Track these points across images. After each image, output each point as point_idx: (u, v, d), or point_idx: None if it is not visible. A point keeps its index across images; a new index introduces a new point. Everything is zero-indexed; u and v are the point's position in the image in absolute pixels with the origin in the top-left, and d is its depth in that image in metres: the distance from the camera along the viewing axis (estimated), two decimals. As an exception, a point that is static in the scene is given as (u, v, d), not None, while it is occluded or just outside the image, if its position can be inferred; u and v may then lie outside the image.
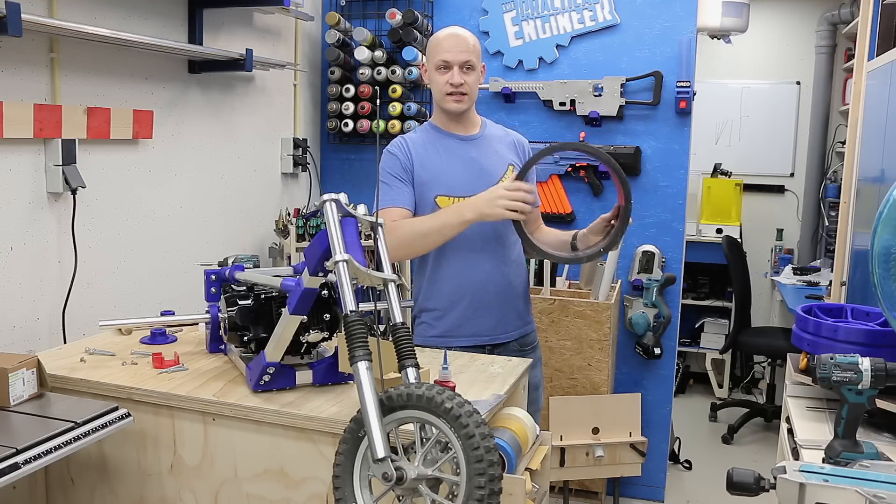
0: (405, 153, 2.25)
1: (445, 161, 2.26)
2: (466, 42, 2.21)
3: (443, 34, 2.25)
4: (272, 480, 1.75)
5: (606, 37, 3.40)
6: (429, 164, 2.25)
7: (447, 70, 2.20)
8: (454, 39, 2.22)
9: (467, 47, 2.21)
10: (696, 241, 4.90)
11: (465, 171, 2.25)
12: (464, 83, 2.20)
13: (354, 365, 1.39)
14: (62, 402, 1.77)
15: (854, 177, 3.02)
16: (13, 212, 2.23)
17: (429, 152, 2.26)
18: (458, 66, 2.20)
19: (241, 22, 3.18)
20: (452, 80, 2.20)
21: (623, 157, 3.38)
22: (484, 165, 2.27)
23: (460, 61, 2.19)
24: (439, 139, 2.29)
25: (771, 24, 5.52)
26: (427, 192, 2.24)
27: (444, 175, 2.24)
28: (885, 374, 1.58)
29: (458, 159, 2.26)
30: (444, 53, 2.20)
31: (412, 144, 2.28)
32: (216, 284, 2.06)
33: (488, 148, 2.31)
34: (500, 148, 2.32)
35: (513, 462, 1.69)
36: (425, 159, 2.25)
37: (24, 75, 2.22)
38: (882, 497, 1.27)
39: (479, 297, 2.25)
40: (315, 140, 3.82)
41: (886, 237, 1.72)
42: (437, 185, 2.24)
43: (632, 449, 3.28)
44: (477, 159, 2.27)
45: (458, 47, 2.20)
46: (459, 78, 2.20)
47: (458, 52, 2.19)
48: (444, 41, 2.22)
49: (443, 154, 2.27)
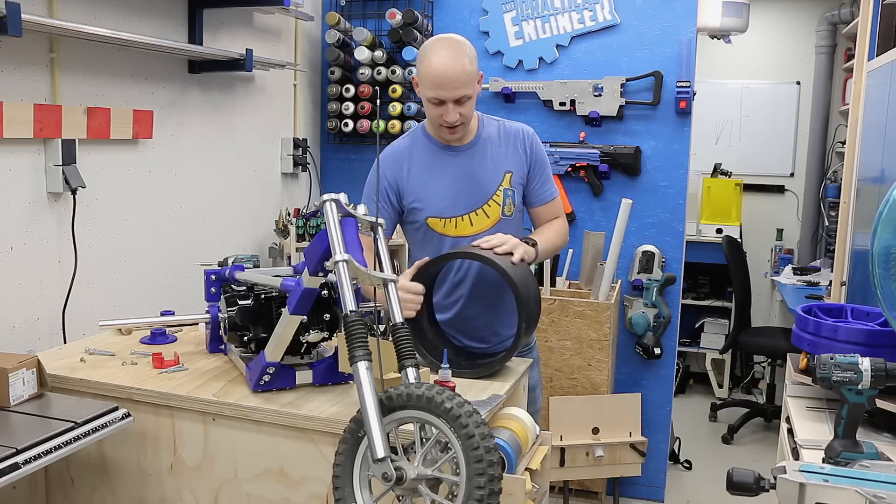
0: (391, 173, 2.13)
1: (436, 180, 2.14)
2: (461, 71, 1.99)
3: (435, 61, 2.00)
4: (272, 480, 1.75)
5: (606, 37, 3.40)
6: (418, 185, 2.13)
7: (441, 105, 2.03)
8: (447, 73, 1.99)
9: (462, 79, 2.00)
10: (696, 241, 4.90)
11: (456, 189, 2.13)
12: (458, 117, 2.04)
13: (354, 365, 1.39)
14: (62, 402, 1.77)
15: (854, 177, 3.02)
16: (13, 212, 2.23)
17: (418, 169, 2.15)
18: (453, 102, 2.02)
19: (241, 22, 3.18)
20: (448, 117, 2.03)
21: (623, 157, 3.38)
22: (478, 179, 2.14)
23: (454, 98, 2.01)
24: (430, 151, 2.16)
25: (771, 24, 5.52)
26: (419, 212, 2.15)
27: (434, 197, 2.13)
28: (885, 374, 1.58)
29: (448, 176, 2.14)
30: (437, 90, 2.01)
31: (403, 160, 2.15)
32: (216, 284, 2.06)
33: (483, 156, 2.16)
34: (497, 153, 2.18)
35: (513, 462, 1.69)
36: (414, 177, 2.14)
37: (24, 75, 2.22)
38: (882, 497, 1.27)
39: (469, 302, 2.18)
40: (315, 140, 3.82)
41: (886, 237, 1.72)
42: (427, 208, 2.14)
43: (632, 449, 3.27)
44: (470, 173, 2.14)
45: (453, 83, 1.99)
46: (454, 115, 2.03)
47: (452, 90, 2.00)
48: (435, 74, 2.00)
49: (433, 170, 2.14)
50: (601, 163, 3.41)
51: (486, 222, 2.16)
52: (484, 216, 2.16)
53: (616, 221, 3.25)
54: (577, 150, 3.39)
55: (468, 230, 2.15)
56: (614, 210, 3.31)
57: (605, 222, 3.44)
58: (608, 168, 3.42)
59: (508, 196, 2.17)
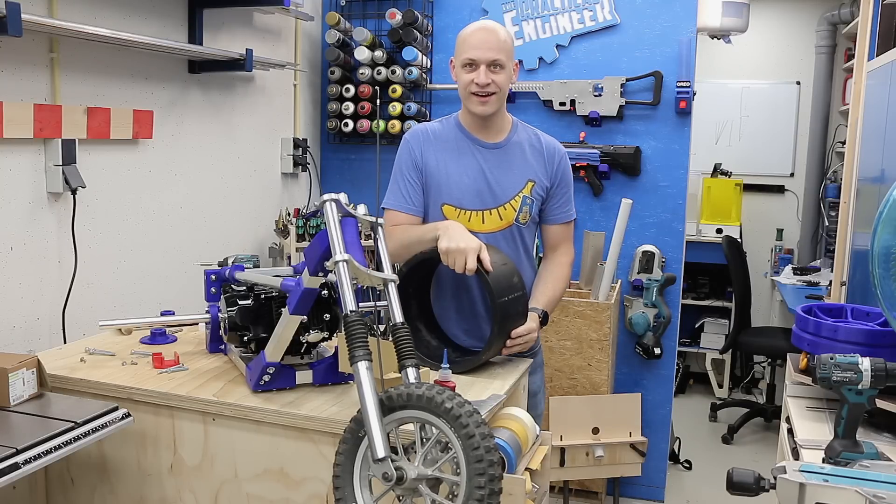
0: (419, 149, 2.14)
1: (459, 169, 2.13)
2: (496, 38, 2.04)
3: (471, 29, 2.08)
4: (272, 480, 1.75)
5: (606, 37, 3.40)
6: (441, 169, 2.13)
7: (474, 69, 2.04)
8: (482, 34, 2.04)
9: (497, 44, 2.03)
10: (696, 241, 4.90)
11: (475, 184, 2.12)
12: (491, 83, 2.03)
13: (354, 365, 1.39)
14: (62, 402, 1.77)
15: (854, 177, 3.02)
16: (13, 212, 2.23)
17: (445, 154, 2.14)
18: (486, 64, 2.03)
19: (241, 22, 3.18)
20: (478, 79, 2.03)
21: (623, 157, 3.38)
22: (499, 179, 2.13)
23: (488, 59, 2.02)
24: (460, 141, 2.15)
25: (771, 24, 5.52)
26: (436, 196, 2.14)
27: (454, 186, 2.12)
28: (885, 374, 1.58)
29: (472, 169, 2.13)
30: (470, 51, 2.04)
31: (431, 140, 2.15)
32: (216, 284, 2.06)
33: (510, 159, 2.15)
34: (525, 158, 2.16)
35: (513, 462, 1.69)
36: (439, 161, 2.13)
37: (24, 75, 2.22)
38: (882, 497, 1.27)
39: (463, 303, 2.16)
40: (315, 140, 3.82)
41: (886, 237, 1.72)
42: (444, 193, 2.13)
43: (632, 449, 3.27)
44: (493, 171, 2.13)
45: (486, 44, 2.02)
46: (486, 77, 2.02)
47: (485, 50, 2.02)
48: (472, 37, 2.05)
49: (459, 160, 2.14)
50: (601, 163, 3.41)
51: (499, 224, 2.14)
52: (497, 218, 2.14)
53: (616, 221, 3.25)
54: (577, 150, 3.39)
55: (479, 227, 2.13)
56: (614, 210, 3.31)
57: (605, 222, 3.44)
58: (608, 168, 3.42)
59: (526, 204, 2.15)
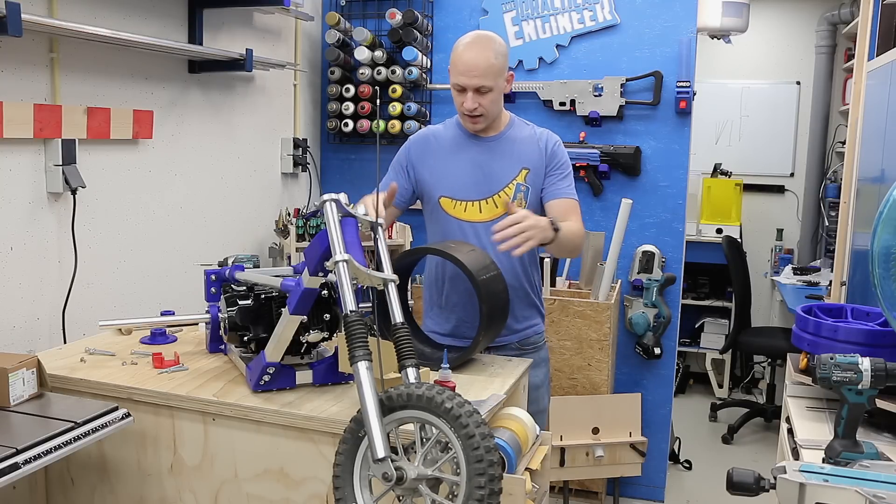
0: (417, 152, 2.28)
1: (454, 162, 2.24)
2: (485, 61, 2.08)
3: (462, 45, 2.13)
4: (272, 480, 1.75)
5: (606, 37, 3.40)
6: (437, 164, 2.25)
7: (462, 93, 2.13)
8: (470, 57, 2.09)
9: (483, 69, 2.08)
10: (696, 241, 4.90)
11: (469, 175, 2.22)
12: (478, 106, 2.12)
13: (354, 365, 1.39)
14: (62, 402, 1.77)
15: (854, 177, 3.02)
16: (13, 212, 2.23)
17: (442, 150, 2.26)
18: (472, 90, 2.11)
19: (241, 22, 3.18)
20: (466, 104, 2.13)
21: (623, 157, 3.38)
22: (493, 169, 2.22)
23: (474, 86, 2.10)
24: (456, 137, 2.27)
25: (771, 24, 5.52)
26: (433, 190, 2.26)
27: (448, 177, 2.24)
28: (885, 374, 1.58)
29: (467, 161, 2.23)
30: (458, 76, 2.12)
31: (431, 143, 2.28)
32: (216, 284, 2.06)
33: (504, 150, 2.23)
34: (520, 149, 2.24)
35: (513, 462, 1.69)
36: (435, 158, 2.25)
37: (24, 75, 2.22)
38: (882, 497, 1.27)
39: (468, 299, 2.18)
40: (315, 140, 3.82)
41: (886, 237, 1.72)
42: (440, 186, 2.25)
43: (632, 449, 3.27)
44: (487, 162, 2.22)
45: (473, 71, 2.08)
46: (473, 103, 2.11)
47: (471, 77, 2.09)
48: (460, 59, 2.11)
49: (455, 153, 2.25)
50: (601, 163, 3.41)
51: (496, 212, 2.21)
52: (493, 206, 2.22)
53: (616, 221, 3.25)
54: (577, 150, 3.39)
55: (477, 216, 2.23)
56: (614, 210, 3.31)
57: (605, 222, 3.44)
58: (608, 168, 3.42)
59: (520, 191, 2.22)
